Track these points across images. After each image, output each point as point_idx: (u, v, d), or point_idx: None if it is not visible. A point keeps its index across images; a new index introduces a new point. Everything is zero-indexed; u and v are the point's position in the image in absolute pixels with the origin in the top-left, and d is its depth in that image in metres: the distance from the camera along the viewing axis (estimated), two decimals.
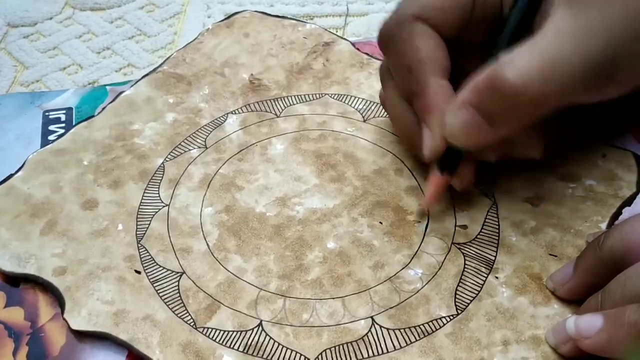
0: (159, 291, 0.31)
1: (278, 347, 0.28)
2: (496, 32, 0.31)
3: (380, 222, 0.34)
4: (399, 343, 0.29)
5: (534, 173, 0.36)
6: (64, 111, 0.41)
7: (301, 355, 0.28)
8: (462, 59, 0.32)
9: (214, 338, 0.29)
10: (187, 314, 0.30)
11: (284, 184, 0.36)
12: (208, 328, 0.29)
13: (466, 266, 0.32)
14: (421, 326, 0.29)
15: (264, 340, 0.29)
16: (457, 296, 0.30)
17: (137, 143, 0.38)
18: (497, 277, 0.31)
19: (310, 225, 0.33)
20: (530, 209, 0.34)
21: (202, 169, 0.36)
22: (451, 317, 0.29)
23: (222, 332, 0.29)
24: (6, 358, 0.29)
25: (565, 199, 0.34)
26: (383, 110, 0.39)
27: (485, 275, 0.31)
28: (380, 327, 0.29)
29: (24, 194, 0.35)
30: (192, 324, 0.29)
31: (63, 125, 0.40)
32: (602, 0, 0.27)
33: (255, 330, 0.29)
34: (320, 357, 0.28)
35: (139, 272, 0.31)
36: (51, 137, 0.39)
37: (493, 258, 0.32)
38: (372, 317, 0.30)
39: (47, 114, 0.41)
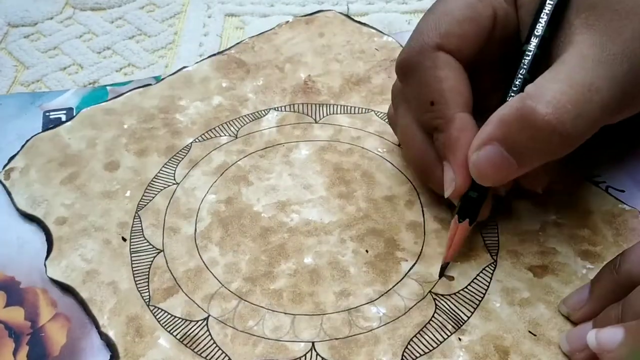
0: (133, 262, 0.32)
1: (212, 345, 0.29)
2: (512, 52, 0.31)
3: (367, 251, 0.33)
4: None
5: (553, 240, 0.33)
6: (64, 111, 0.41)
7: (229, 359, 0.29)
8: (478, 78, 0.32)
9: (159, 319, 0.30)
10: (147, 290, 0.31)
11: (291, 189, 0.36)
12: (159, 308, 0.30)
13: (433, 319, 0.30)
14: None
15: (202, 335, 0.29)
16: (409, 347, 0.29)
17: (176, 118, 0.40)
18: (460, 339, 0.29)
19: (297, 235, 0.33)
20: (530, 278, 0.31)
21: (223, 157, 0.37)
22: None
23: (169, 316, 0.30)
24: (6, 358, 0.29)
25: (575, 279, 0.31)
26: None
27: (449, 334, 0.29)
28: (317, 354, 0.29)
29: (64, 143, 0.38)
30: (147, 300, 0.31)
31: None
32: (621, 25, 0.27)
33: (200, 323, 0.30)
34: None
35: (125, 240, 0.33)
36: None
37: (465, 318, 0.30)
38: (313, 343, 0.29)
39: (47, 114, 0.41)
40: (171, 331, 0.30)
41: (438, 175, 0.32)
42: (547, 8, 0.30)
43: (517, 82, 0.30)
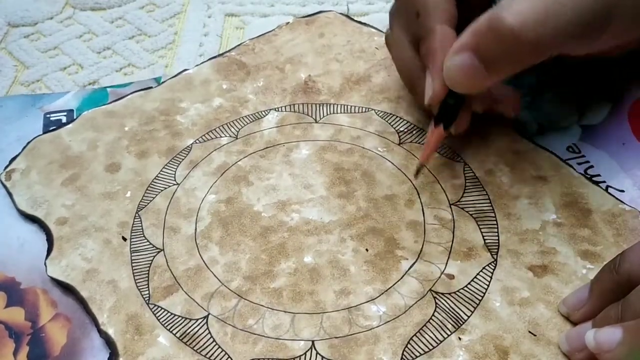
0: (133, 261, 0.32)
1: (211, 343, 0.29)
2: None
3: (367, 250, 0.33)
4: None
5: (553, 240, 0.33)
6: (65, 113, 0.41)
7: (229, 357, 0.29)
8: (467, 13, 0.33)
9: (158, 317, 0.30)
10: (146, 289, 0.31)
11: (292, 188, 0.36)
12: (158, 306, 0.30)
13: (433, 318, 0.30)
14: None
15: (202, 333, 0.29)
16: (408, 346, 0.29)
17: (177, 120, 0.40)
18: (460, 338, 0.29)
19: (297, 235, 0.33)
20: (530, 278, 0.31)
21: (224, 157, 0.37)
22: None
23: (168, 314, 0.30)
24: (7, 358, 0.29)
25: (575, 279, 0.31)
26: (421, 137, 0.38)
27: (449, 333, 0.29)
28: (317, 353, 0.29)
29: (65, 145, 0.38)
30: (147, 298, 0.31)
31: None
32: None
33: (200, 321, 0.30)
34: None
35: (125, 239, 0.33)
36: None
37: (465, 318, 0.30)
38: (312, 341, 0.29)
39: (48, 116, 0.41)
40: (171, 329, 0.30)
41: (422, 87, 0.34)
42: None
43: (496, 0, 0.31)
